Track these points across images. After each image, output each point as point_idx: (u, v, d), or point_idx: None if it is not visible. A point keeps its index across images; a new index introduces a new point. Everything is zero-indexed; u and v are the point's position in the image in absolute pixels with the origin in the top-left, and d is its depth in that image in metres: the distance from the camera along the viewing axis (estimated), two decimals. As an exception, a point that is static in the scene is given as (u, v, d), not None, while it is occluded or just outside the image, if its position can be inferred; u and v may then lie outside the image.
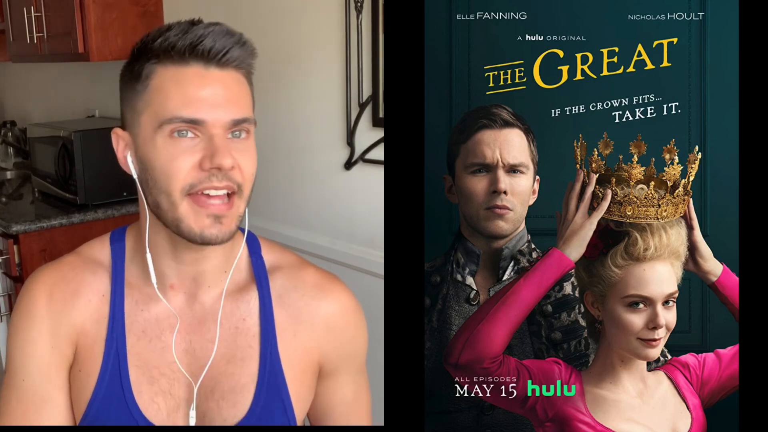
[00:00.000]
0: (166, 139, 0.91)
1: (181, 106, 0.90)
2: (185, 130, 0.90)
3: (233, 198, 0.92)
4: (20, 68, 3.78)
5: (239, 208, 0.94)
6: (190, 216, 0.91)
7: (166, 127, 0.90)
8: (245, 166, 0.93)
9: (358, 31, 1.94)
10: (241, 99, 0.94)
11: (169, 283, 1.01)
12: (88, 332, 1.00)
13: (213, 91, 0.91)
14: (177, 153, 0.90)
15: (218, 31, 0.92)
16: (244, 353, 1.01)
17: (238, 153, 0.92)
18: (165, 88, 0.91)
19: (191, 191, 0.91)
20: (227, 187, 0.91)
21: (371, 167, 1.98)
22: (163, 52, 0.92)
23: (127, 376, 0.99)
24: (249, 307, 1.03)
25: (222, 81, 0.92)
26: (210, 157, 0.90)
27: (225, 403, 1.00)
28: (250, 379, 1.01)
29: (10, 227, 2.45)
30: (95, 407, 0.99)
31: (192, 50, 0.91)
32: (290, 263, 1.07)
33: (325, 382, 1.08)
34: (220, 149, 0.90)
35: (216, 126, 0.91)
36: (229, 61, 0.92)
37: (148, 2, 2.64)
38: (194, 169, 0.90)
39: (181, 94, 0.91)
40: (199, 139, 0.91)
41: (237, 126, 0.92)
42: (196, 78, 0.91)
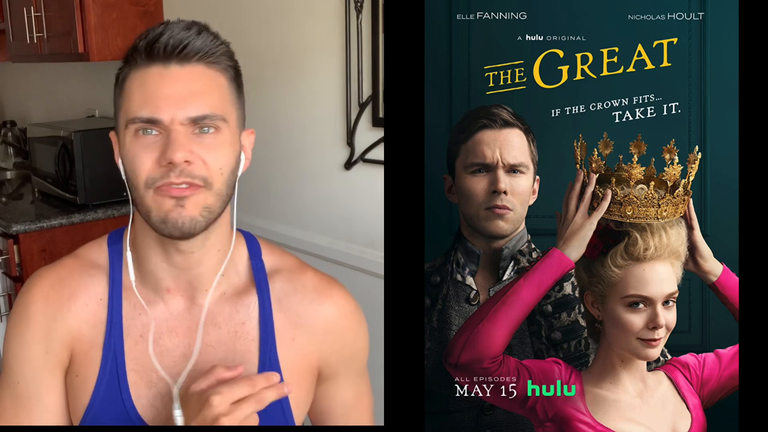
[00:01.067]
0: (132, 137, 0.93)
1: (141, 105, 0.92)
2: (149, 129, 0.92)
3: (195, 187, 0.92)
4: (20, 68, 3.78)
5: (206, 200, 0.93)
6: (155, 204, 0.92)
7: (131, 126, 0.93)
8: (211, 160, 0.92)
9: (358, 31, 1.94)
10: (204, 94, 0.93)
11: (166, 287, 1.00)
12: (85, 336, 1.00)
13: (172, 89, 0.92)
14: (139, 150, 0.92)
15: (176, 27, 0.93)
16: (243, 357, 1.01)
17: (202, 148, 0.92)
18: (130, 90, 0.94)
19: (153, 185, 0.92)
20: (185, 182, 0.91)
21: (371, 167, 1.98)
22: (131, 55, 0.94)
23: (125, 381, 0.98)
24: (248, 311, 1.02)
25: (182, 77, 0.92)
26: (164, 153, 0.90)
27: None
28: None
29: (10, 227, 2.45)
30: (93, 412, 0.99)
31: (150, 50, 0.92)
32: (290, 266, 1.07)
33: (324, 385, 1.08)
34: (172, 144, 0.90)
35: (174, 123, 0.91)
36: (190, 55, 0.93)
37: (148, 2, 2.64)
38: (154, 164, 0.91)
39: (141, 94, 0.92)
40: (160, 135, 0.92)
41: (198, 123, 0.92)
42: (156, 77, 0.92)
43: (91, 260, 1.03)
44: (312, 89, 2.13)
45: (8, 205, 2.96)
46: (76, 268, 1.03)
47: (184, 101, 0.92)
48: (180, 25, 0.93)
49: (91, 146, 2.57)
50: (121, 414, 0.98)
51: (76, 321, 1.00)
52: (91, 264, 1.03)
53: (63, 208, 2.63)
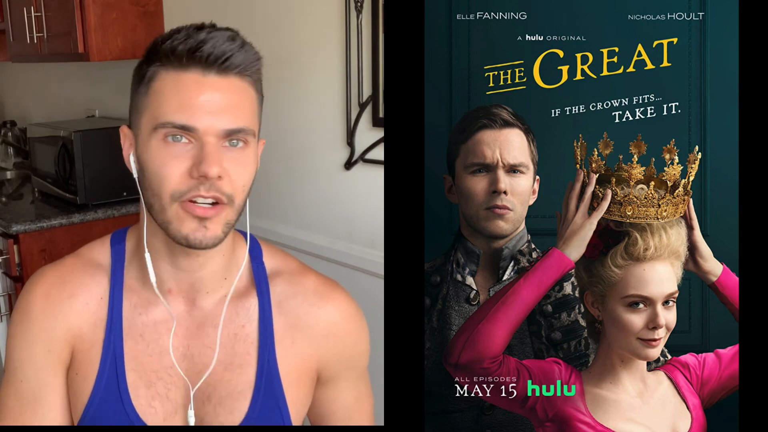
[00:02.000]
0: (160, 142, 0.91)
1: (176, 110, 0.90)
2: (179, 135, 0.90)
3: (221, 206, 0.91)
4: (20, 68, 3.78)
5: (228, 216, 0.92)
6: (178, 219, 0.91)
7: (160, 130, 0.90)
8: (237, 176, 0.91)
9: (358, 31, 1.94)
10: (239, 107, 0.92)
11: (167, 288, 1.00)
12: (85, 335, 1.00)
13: (209, 98, 0.90)
14: (169, 158, 0.90)
15: (220, 37, 0.91)
16: (242, 360, 1.01)
17: (231, 162, 0.91)
18: (163, 92, 0.91)
19: (180, 198, 0.90)
20: (214, 197, 0.90)
21: (371, 167, 1.98)
22: (165, 55, 0.91)
23: (124, 380, 0.99)
24: (248, 314, 1.02)
25: (220, 88, 0.91)
26: (198, 165, 0.89)
27: (222, 409, 1.00)
28: (247, 386, 1.00)
29: (10, 227, 2.45)
30: (92, 410, 0.99)
31: (191, 55, 0.90)
32: (291, 269, 1.07)
33: (324, 388, 1.08)
34: (207, 157, 0.89)
35: (208, 134, 0.90)
36: (230, 68, 0.91)
37: (148, 2, 2.64)
38: (184, 175, 0.90)
39: (177, 99, 0.90)
40: (191, 145, 0.90)
41: (231, 136, 0.91)
42: (194, 84, 0.90)
43: (93, 260, 1.03)
44: (312, 89, 2.13)
45: (8, 205, 2.96)
46: (78, 267, 1.02)
47: (220, 112, 0.90)
48: (223, 34, 0.91)
49: (91, 146, 2.57)
50: (120, 413, 0.98)
51: (77, 320, 1.00)
52: (93, 263, 1.03)
53: (63, 208, 2.63)
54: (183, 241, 0.91)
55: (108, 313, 1.00)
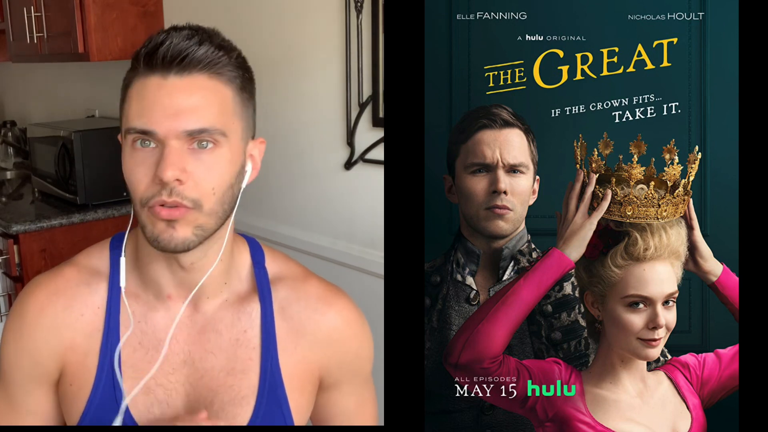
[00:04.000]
0: (130, 148, 0.91)
1: (137, 115, 0.89)
2: (147, 140, 0.89)
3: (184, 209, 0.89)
4: (20, 68, 3.78)
5: (198, 221, 0.90)
6: (149, 223, 0.90)
7: (128, 136, 0.90)
8: (203, 178, 0.89)
9: (358, 31, 1.94)
10: (203, 107, 0.89)
11: (167, 293, 0.99)
12: (79, 347, 0.99)
13: (169, 100, 0.88)
14: (136, 164, 0.90)
15: (177, 36, 0.89)
16: (245, 365, 1.00)
17: (196, 164, 0.89)
18: (130, 98, 0.91)
19: (147, 204, 0.89)
20: (175, 203, 0.88)
21: (371, 167, 1.98)
22: (135, 61, 0.91)
23: (120, 387, 0.98)
24: (250, 319, 1.01)
25: (181, 89, 0.88)
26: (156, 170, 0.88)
27: (224, 414, 0.99)
28: (250, 392, 1.00)
29: (10, 227, 2.45)
30: (89, 417, 0.98)
31: (149, 59, 0.89)
32: (294, 274, 1.06)
33: (326, 393, 1.07)
34: (164, 161, 0.87)
35: (169, 137, 0.88)
36: (190, 66, 0.89)
37: (148, 2, 2.64)
38: (149, 181, 0.89)
39: (139, 104, 0.89)
40: (156, 149, 0.89)
41: (194, 137, 0.89)
42: (154, 87, 0.89)
43: (91, 267, 1.02)
44: (312, 89, 2.13)
45: (8, 205, 2.96)
46: (74, 277, 1.01)
47: (180, 114, 0.88)
48: (183, 33, 0.90)
49: (91, 146, 2.57)
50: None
51: (69, 332, 0.99)
52: (91, 271, 1.02)
53: (63, 208, 2.63)
54: (154, 243, 0.91)
55: (105, 321, 0.99)
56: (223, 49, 0.92)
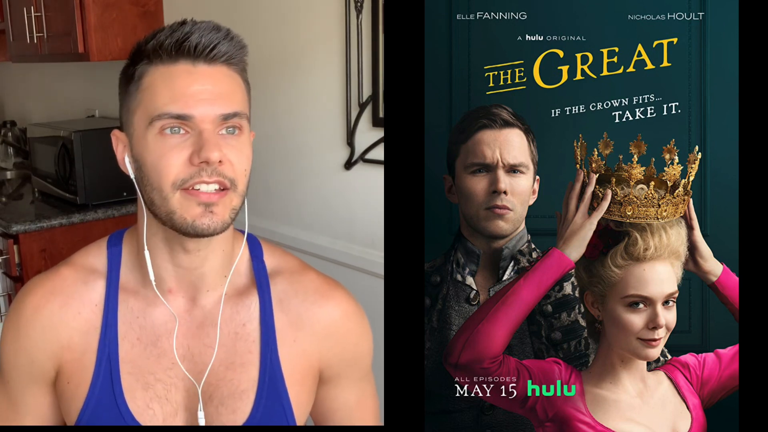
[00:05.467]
0: (157, 136, 0.91)
1: (170, 101, 0.91)
2: (177, 127, 0.91)
3: (225, 191, 0.92)
4: (20, 68, 3.78)
5: (233, 201, 0.93)
6: (182, 207, 0.91)
7: (156, 123, 0.91)
8: (237, 161, 0.92)
9: (358, 31, 1.94)
10: (231, 94, 0.93)
11: (167, 287, 1.00)
12: (76, 345, 1.00)
13: (201, 86, 0.91)
14: (167, 150, 0.91)
15: (205, 27, 0.92)
16: (244, 359, 1.01)
17: (229, 149, 0.92)
18: (154, 86, 0.92)
19: (182, 186, 0.91)
20: (217, 182, 0.91)
21: (371, 167, 1.98)
22: (153, 52, 0.93)
23: (119, 383, 0.98)
24: (249, 312, 1.02)
25: (211, 76, 0.92)
26: (198, 152, 0.90)
27: (224, 408, 0.99)
28: (250, 385, 1.00)
29: (10, 227, 2.45)
30: (87, 414, 0.99)
31: (179, 47, 0.91)
32: (292, 268, 1.07)
33: (326, 387, 1.07)
34: (207, 143, 0.90)
35: (205, 121, 0.91)
36: (218, 56, 0.93)
37: (148, 2, 2.64)
38: (184, 164, 0.90)
39: (170, 91, 0.91)
40: (189, 135, 0.91)
41: (227, 121, 0.92)
42: (184, 74, 0.92)
43: (88, 266, 1.03)
44: (312, 89, 2.13)
45: (8, 205, 2.96)
46: (70, 276, 1.02)
47: (214, 99, 0.91)
48: (208, 25, 0.93)
49: (91, 146, 2.57)
50: (116, 417, 0.98)
51: (66, 330, 1.00)
52: (88, 270, 1.02)
53: (63, 208, 2.63)
54: (189, 228, 0.91)
55: (102, 317, 1.00)
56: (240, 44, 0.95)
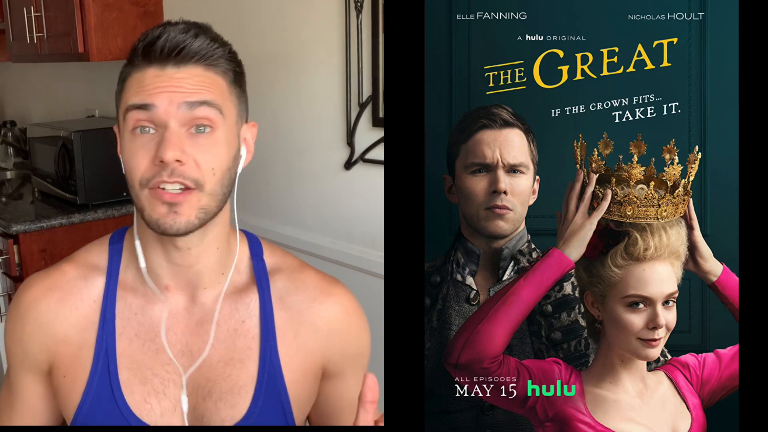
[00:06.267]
0: (129, 135, 0.93)
1: (135, 94, 0.93)
2: (147, 126, 0.92)
3: (189, 192, 0.92)
4: (20, 68, 3.78)
5: (200, 201, 0.93)
6: (149, 205, 0.92)
7: (128, 118, 0.93)
8: (203, 160, 0.92)
9: (358, 31, 1.94)
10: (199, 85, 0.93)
11: (165, 284, 1.01)
12: (72, 339, 1.01)
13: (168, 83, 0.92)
14: (136, 148, 0.92)
15: (173, 29, 0.93)
16: (243, 355, 1.01)
17: (195, 147, 0.92)
18: (129, 87, 0.95)
19: (147, 185, 0.92)
20: (178, 182, 0.91)
21: (371, 167, 1.98)
22: (131, 56, 0.95)
23: (116, 377, 0.99)
24: (248, 309, 1.02)
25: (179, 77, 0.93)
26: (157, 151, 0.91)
27: (223, 404, 1.00)
28: (249, 381, 1.00)
29: (10, 227, 2.45)
30: (85, 409, 1.00)
31: (147, 53, 0.93)
32: (291, 266, 1.07)
33: (330, 384, 1.08)
34: (165, 142, 0.90)
35: (169, 113, 0.91)
36: (186, 58, 0.93)
37: (148, 2, 2.64)
38: (149, 163, 0.91)
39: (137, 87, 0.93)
40: (157, 134, 0.92)
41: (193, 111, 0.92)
42: (152, 77, 0.93)
43: (89, 263, 1.04)
44: (312, 89, 2.13)
45: (8, 205, 2.96)
46: (70, 272, 1.03)
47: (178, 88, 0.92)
48: (179, 27, 0.93)
49: (91, 146, 2.57)
50: (113, 411, 0.99)
51: (62, 325, 1.01)
52: (89, 266, 1.03)
53: (63, 208, 2.63)
54: (155, 226, 0.93)
55: (101, 313, 1.01)
56: (216, 42, 0.96)
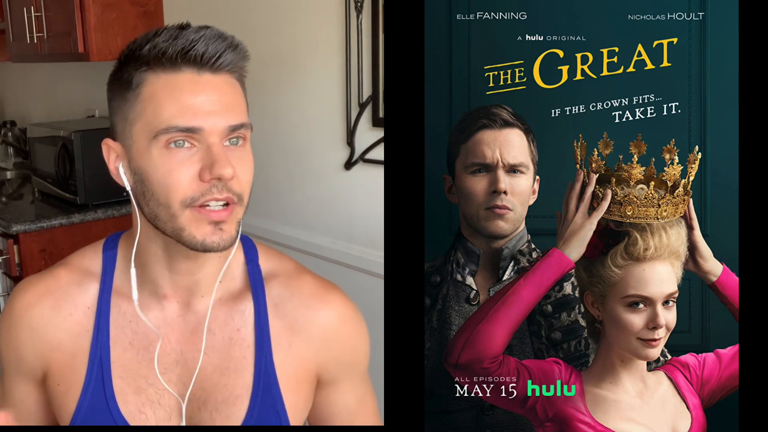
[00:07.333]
0: (162, 150, 0.88)
1: (177, 114, 0.87)
2: (182, 140, 0.88)
3: (232, 206, 0.90)
4: (20, 68, 3.78)
5: (238, 215, 0.92)
6: (192, 225, 0.89)
7: (162, 137, 0.88)
8: (243, 174, 0.90)
9: (358, 31, 1.94)
10: (236, 104, 0.91)
11: (162, 293, 0.99)
12: (66, 346, 1.00)
13: (207, 97, 0.88)
14: (174, 164, 0.88)
15: (210, 35, 0.89)
16: (238, 364, 1.00)
17: (236, 161, 0.89)
18: (158, 97, 0.88)
19: (192, 204, 0.88)
20: (227, 198, 0.89)
21: (371, 167, 1.98)
22: (153, 59, 0.88)
23: (110, 386, 0.98)
24: (244, 317, 1.01)
25: (216, 86, 0.89)
26: (209, 168, 0.87)
27: (218, 414, 0.99)
28: (245, 391, 0.99)
29: (10, 227, 2.45)
30: (80, 418, 0.99)
31: (184, 56, 0.88)
32: (287, 271, 1.05)
33: (324, 391, 1.07)
34: (219, 159, 0.87)
35: (213, 134, 0.88)
36: (222, 66, 0.90)
37: (148, 2, 2.64)
38: (194, 180, 0.88)
39: (176, 102, 0.88)
40: (196, 149, 0.88)
41: (234, 132, 0.90)
42: (190, 84, 0.88)
43: (84, 268, 1.02)
44: (312, 89, 2.13)
45: (8, 205, 2.96)
46: (64, 277, 1.02)
47: (222, 111, 0.89)
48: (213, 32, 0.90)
49: (91, 146, 2.57)
50: (108, 421, 0.98)
51: (56, 332, 1.00)
52: (83, 272, 1.02)
53: (63, 208, 2.63)
54: (199, 246, 0.90)
55: (95, 321, 0.99)
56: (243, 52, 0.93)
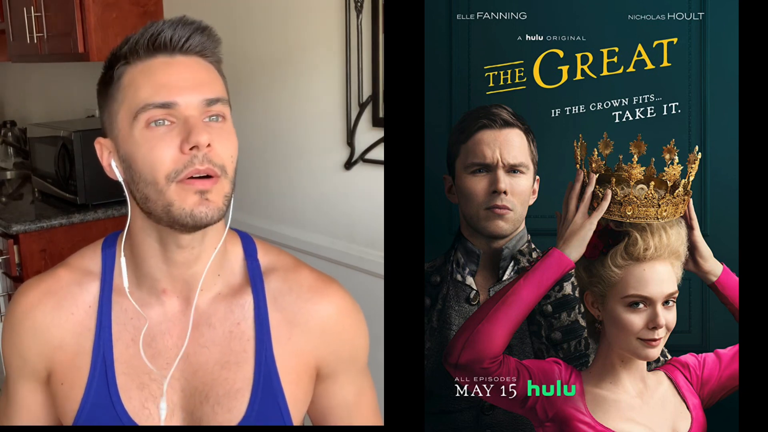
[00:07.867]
0: (143, 130, 0.92)
1: (153, 93, 0.91)
2: (161, 119, 0.91)
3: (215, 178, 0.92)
4: (20, 68, 3.78)
5: (225, 188, 0.93)
6: (179, 197, 0.91)
7: (141, 116, 0.91)
8: (222, 147, 0.93)
9: (358, 31, 1.94)
10: (210, 81, 0.94)
11: (161, 288, 1.00)
12: (68, 346, 1.00)
13: (180, 75, 0.93)
14: (155, 141, 0.91)
15: (177, 21, 0.94)
16: (239, 357, 1.00)
17: (214, 135, 0.92)
18: (136, 82, 0.93)
19: (176, 178, 0.90)
20: (208, 170, 0.91)
21: (371, 167, 1.98)
22: (129, 52, 0.94)
23: (114, 383, 0.99)
24: (243, 311, 1.02)
25: (188, 65, 0.94)
26: (187, 138, 0.90)
27: (220, 408, 0.99)
28: (245, 384, 1.00)
29: (10, 227, 2.45)
30: (84, 416, 0.99)
31: (154, 42, 0.93)
32: (285, 265, 1.06)
33: (323, 384, 1.07)
34: (194, 128, 0.90)
35: (189, 108, 0.91)
36: (192, 47, 0.94)
37: (148, 2, 2.64)
38: (176, 154, 0.90)
39: (151, 83, 0.92)
40: (174, 125, 0.91)
41: (210, 108, 0.93)
42: (163, 66, 0.93)
43: (84, 268, 1.03)
44: (312, 89, 2.13)
45: (8, 205, 2.96)
46: (65, 277, 1.03)
47: (196, 86, 0.93)
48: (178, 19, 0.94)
49: (91, 146, 2.53)
50: (112, 417, 0.98)
51: (58, 331, 1.01)
52: (83, 272, 1.03)
53: (63, 208, 2.63)
54: (188, 218, 0.91)
55: (97, 319, 1.00)
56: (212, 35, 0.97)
